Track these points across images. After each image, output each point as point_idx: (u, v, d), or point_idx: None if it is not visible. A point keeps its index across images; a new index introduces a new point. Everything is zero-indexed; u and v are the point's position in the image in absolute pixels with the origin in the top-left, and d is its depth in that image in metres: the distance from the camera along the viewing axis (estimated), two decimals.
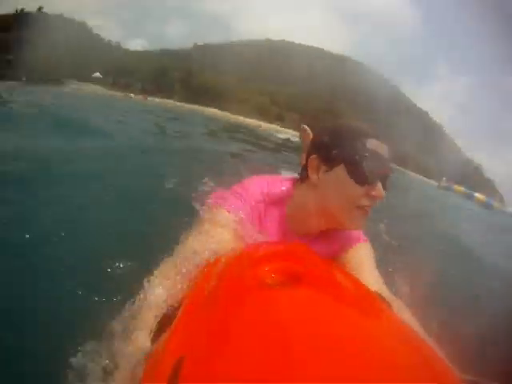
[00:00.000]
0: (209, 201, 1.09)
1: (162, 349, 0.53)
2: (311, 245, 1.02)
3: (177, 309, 0.65)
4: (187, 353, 0.45)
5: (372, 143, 0.95)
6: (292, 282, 0.54)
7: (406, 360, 0.41)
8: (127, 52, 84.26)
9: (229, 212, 0.99)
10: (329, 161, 0.98)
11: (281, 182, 1.13)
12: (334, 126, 1.04)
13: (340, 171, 0.97)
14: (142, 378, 0.56)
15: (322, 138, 1.02)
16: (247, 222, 1.00)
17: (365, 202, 0.96)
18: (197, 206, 1.12)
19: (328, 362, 0.38)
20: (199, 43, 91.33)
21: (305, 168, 1.05)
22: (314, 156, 1.01)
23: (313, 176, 1.02)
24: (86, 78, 56.00)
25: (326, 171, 0.99)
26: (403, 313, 0.86)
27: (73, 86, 47.13)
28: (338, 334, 0.43)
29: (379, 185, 0.96)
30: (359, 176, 0.94)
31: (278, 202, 1.08)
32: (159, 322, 0.65)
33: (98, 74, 59.31)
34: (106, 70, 60.93)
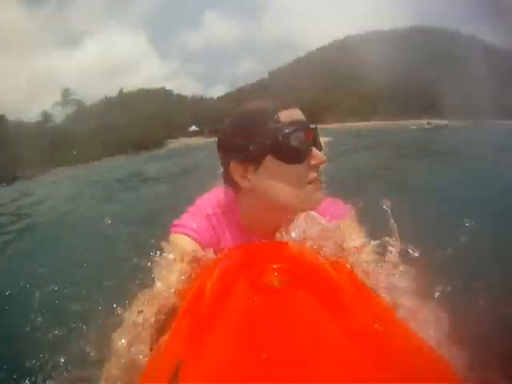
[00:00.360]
0: (170, 230, 1.04)
1: (162, 350, 0.53)
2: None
3: (177, 310, 0.65)
4: (187, 353, 0.45)
5: (284, 114, 0.86)
6: (294, 283, 0.54)
7: (404, 360, 0.41)
8: (212, 100, 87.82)
9: (185, 235, 0.97)
10: (252, 159, 0.87)
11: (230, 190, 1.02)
12: (236, 122, 0.91)
13: (269, 162, 0.86)
14: (141, 378, 0.57)
15: (231, 140, 0.89)
16: (203, 236, 0.98)
17: (311, 175, 0.88)
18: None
19: (328, 362, 0.38)
20: (273, 69, 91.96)
21: (229, 178, 0.93)
22: (233, 162, 0.89)
23: (243, 182, 0.90)
24: (183, 134, 59.21)
25: (255, 170, 0.88)
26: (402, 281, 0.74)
27: (172, 145, 49.85)
28: (339, 335, 0.43)
29: (314, 150, 0.87)
30: (292, 156, 0.86)
31: (229, 211, 1.02)
32: (162, 324, 0.65)
33: (194, 127, 61.77)
34: (198, 122, 63.34)
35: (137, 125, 61.67)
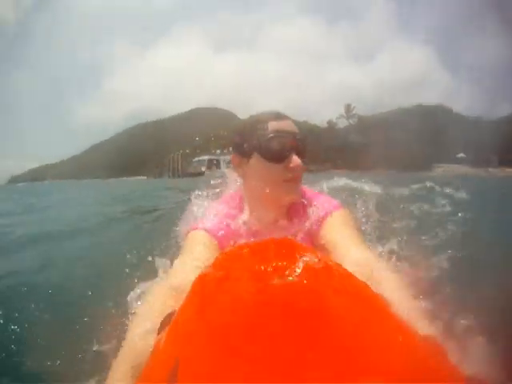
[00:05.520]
0: (188, 228, 1.21)
1: (160, 348, 0.53)
2: (284, 230, 1.15)
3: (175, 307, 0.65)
4: (186, 352, 0.45)
5: (273, 125, 1.09)
6: (296, 281, 0.53)
7: (407, 358, 0.40)
8: (493, 122, 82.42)
9: (202, 230, 1.13)
10: (245, 154, 1.14)
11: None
12: (239, 126, 1.21)
13: (255, 159, 1.11)
14: (139, 377, 0.56)
15: (235, 138, 1.18)
16: (219, 233, 1.13)
17: (287, 174, 1.09)
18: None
19: (330, 361, 0.37)
20: None
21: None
22: (233, 155, 1.19)
23: (238, 171, 1.20)
24: (451, 160, 59.91)
25: (247, 162, 1.14)
26: (392, 283, 0.80)
27: (437, 170, 52.17)
28: (340, 333, 0.43)
29: (294, 157, 1.09)
30: (271, 155, 1.08)
31: (239, 211, 1.22)
32: (161, 323, 0.65)
33: (461, 155, 62.70)
34: (467, 147, 63.03)
35: (409, 142, 66.73)
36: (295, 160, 1.08)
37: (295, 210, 1.20)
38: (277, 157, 1.08)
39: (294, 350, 0.40)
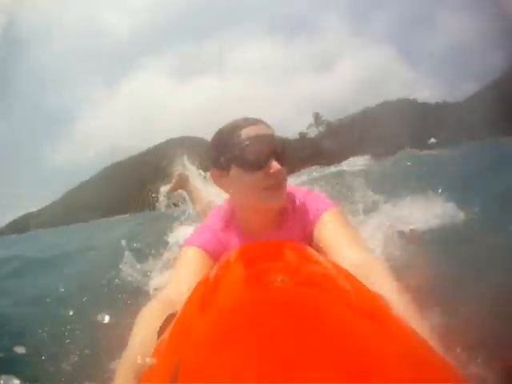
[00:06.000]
0: (183, 244, 1.22)
1: (162, 349, 0.53)
2: (276, 235, 1.15)
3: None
4: (187, 353, 0.45)
5: (246, 132, 1.04)
6: (294, 280, 0.54)
7: (404, 356, 0.40)
8: (457, 104, 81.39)
9: (195, 246, 1.13)
10: (222, 167, 1.09)
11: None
12: (213, 138, 1.15)
13: (234, 170, 1.07)
14: (142, 378, 0.57)
15: (210, 153, 1.15)
16: (211, 247, 1.14)
17: (268, 181, 1.04)
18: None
19: (326, 362, 0.37)
20: None
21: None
22: (212, 170, 1.15)
23: (220, 185, 1.16)
24: (422, 146, 59.28)
25: (227, 176, 1.10)
26: (386, 280, 0.80)
27: (405, 154, 51.24)
28: (339, 332, 0.43)
29: (273, 163, 1.03)
30: (249, 165, 1.03)
31: (231, 222, 1.22)
32: (161, 325, 0.66)
33: (433, 140, 61.69)
34: (436, 132, 62.82)
35: (378, 137, 65.93)
36: (274, 165, 1.04)
37: (285, 213, 1.19)
38: (254, 165, 1.04)
39: (294, 349, 0.39)
